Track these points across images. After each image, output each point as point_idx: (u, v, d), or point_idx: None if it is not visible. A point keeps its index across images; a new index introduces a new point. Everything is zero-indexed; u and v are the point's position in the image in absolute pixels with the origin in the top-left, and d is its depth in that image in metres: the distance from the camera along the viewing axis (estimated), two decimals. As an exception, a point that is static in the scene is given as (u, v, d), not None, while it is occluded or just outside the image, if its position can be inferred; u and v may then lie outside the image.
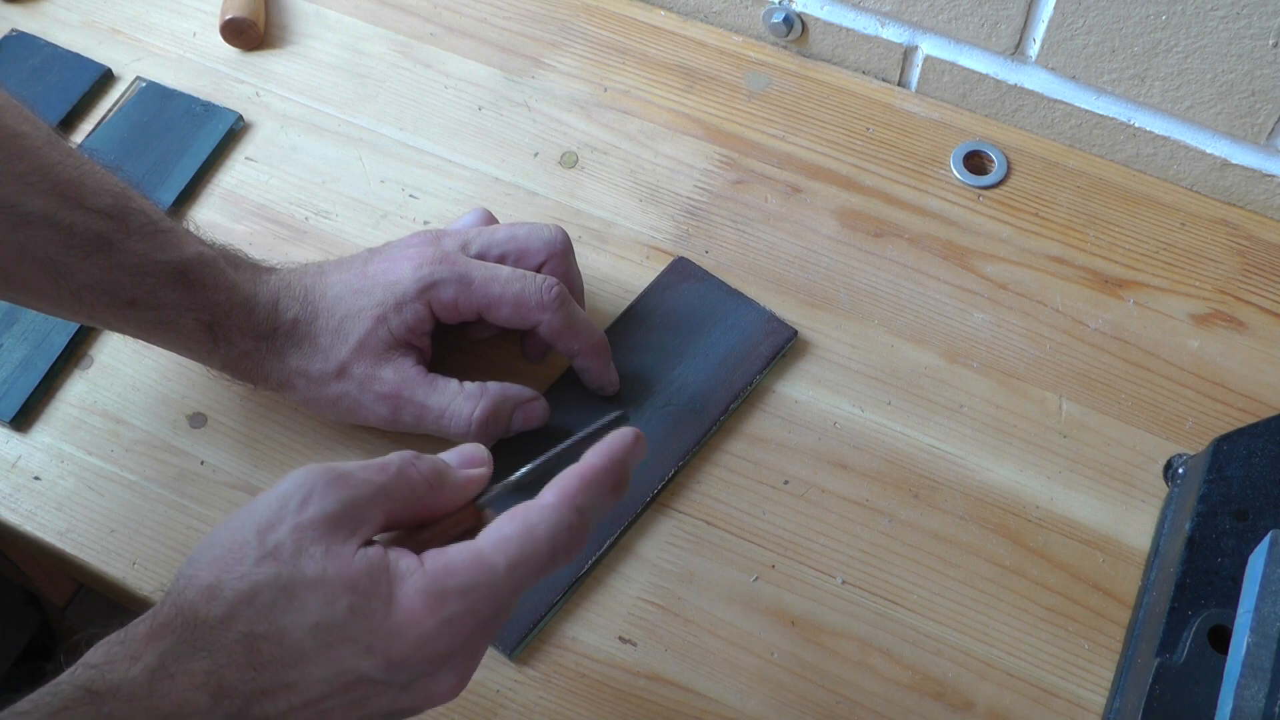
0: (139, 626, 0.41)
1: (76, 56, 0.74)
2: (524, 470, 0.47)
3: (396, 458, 0.45)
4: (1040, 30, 0.66)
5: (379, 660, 0.41)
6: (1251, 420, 0.60)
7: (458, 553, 0.42)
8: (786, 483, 0.60)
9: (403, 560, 0.42)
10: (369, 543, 0.43)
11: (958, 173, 0.70)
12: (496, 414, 0.58)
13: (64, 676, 0.40)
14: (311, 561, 0.41)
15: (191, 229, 0.58)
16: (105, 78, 0.74)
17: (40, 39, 0.75)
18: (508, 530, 0.43)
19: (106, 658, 0.40)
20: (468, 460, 0.47)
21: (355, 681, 0.41)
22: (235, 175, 0.71)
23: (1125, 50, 0.65)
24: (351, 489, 0.43)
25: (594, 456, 0.45)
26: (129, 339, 0.63)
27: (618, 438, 0.46)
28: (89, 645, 0.41)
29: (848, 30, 0.72)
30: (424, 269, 0.57)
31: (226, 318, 0.56)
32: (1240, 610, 0.47)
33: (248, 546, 0.42)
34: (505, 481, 0.47)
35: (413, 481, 0.44)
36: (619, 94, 0.73)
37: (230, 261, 0.58)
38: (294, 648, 0.41)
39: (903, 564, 0.58)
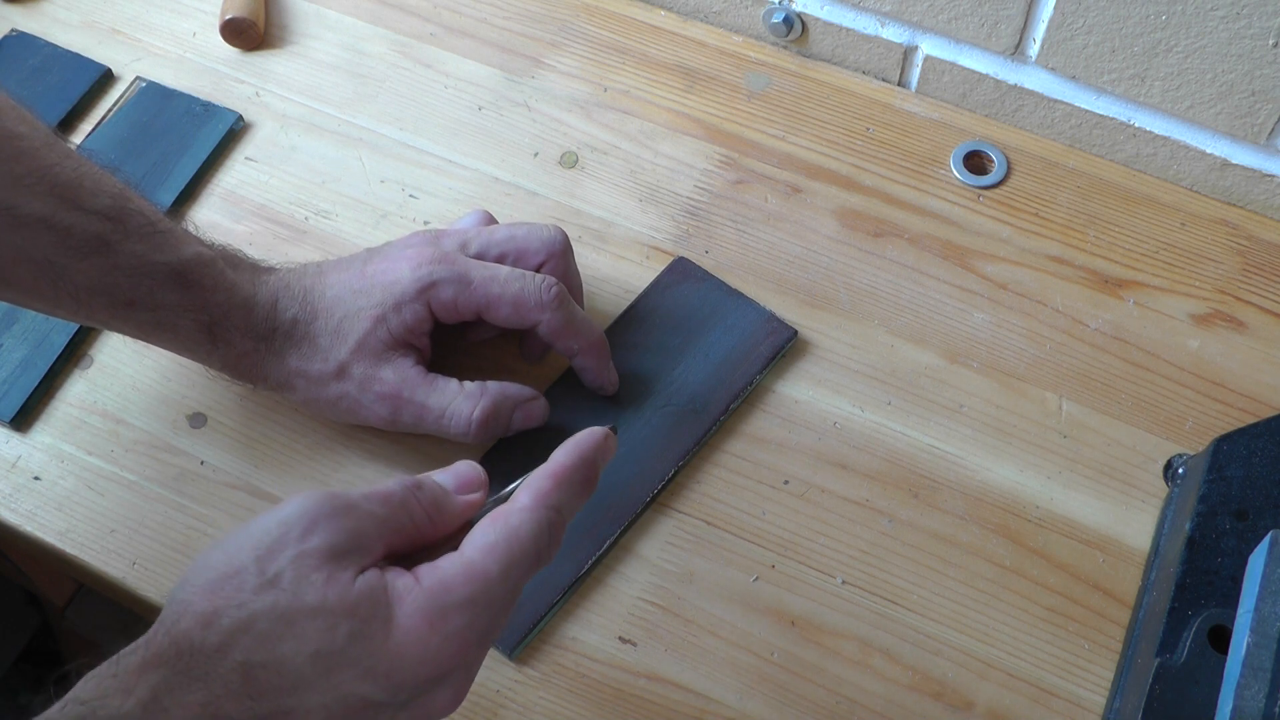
0: (131, 657, 0.40)
1: (76, 56, 0.74)
2: (515, 485, 0.47)
3: (399, 489, 0.44)
4: (1040, 30, 0.66)
5: (380, 683, 0.41)
6: (1251, 420, 0.60)
7: (450, 566, 0.42)
8: (786, 483, 0.60)
9: (399, 580, 0.42)
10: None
11: (958, 173, 0.70)
12: (496, 414, 0.58)
13: (53, 712, 0.39)
14: (312, 589, 0.41)
15: (191, 229, 0.58)
16: (105, 78, 0.74)
17: (40, 39, 0.75)
18: (492, 536, 0.43)
19: (98, 692, 0.39)
20: (464, 484, 0.47)
21: (356, 706, 0.41)
22: (235, 175, 0.71)
23: (1125, 50, 0.65)
24: (356, 520, 0.42)
25: (563, 455, 0.46)
26: (129, 339, 0.63)
27: (586, 436, 0.46)
28: (79, 676, 0.40)
29: (848, 30, 0.72)
30: (423, 269, 0.57)
31: (225, 318, 0.56)
32: (1240, 610, 0.47)
33: (246, 573, 0.41)
34: (498, 496, 0.47)
35: (414, 514, 0.44)
36: (619, 94, 0.73)
37: (229, 262, 0.58)
38: (293, 675, 0.40)
39: (903, 564, 0.58)
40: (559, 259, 0.60)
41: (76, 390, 0.63)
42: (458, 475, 0.47)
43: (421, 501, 0.44)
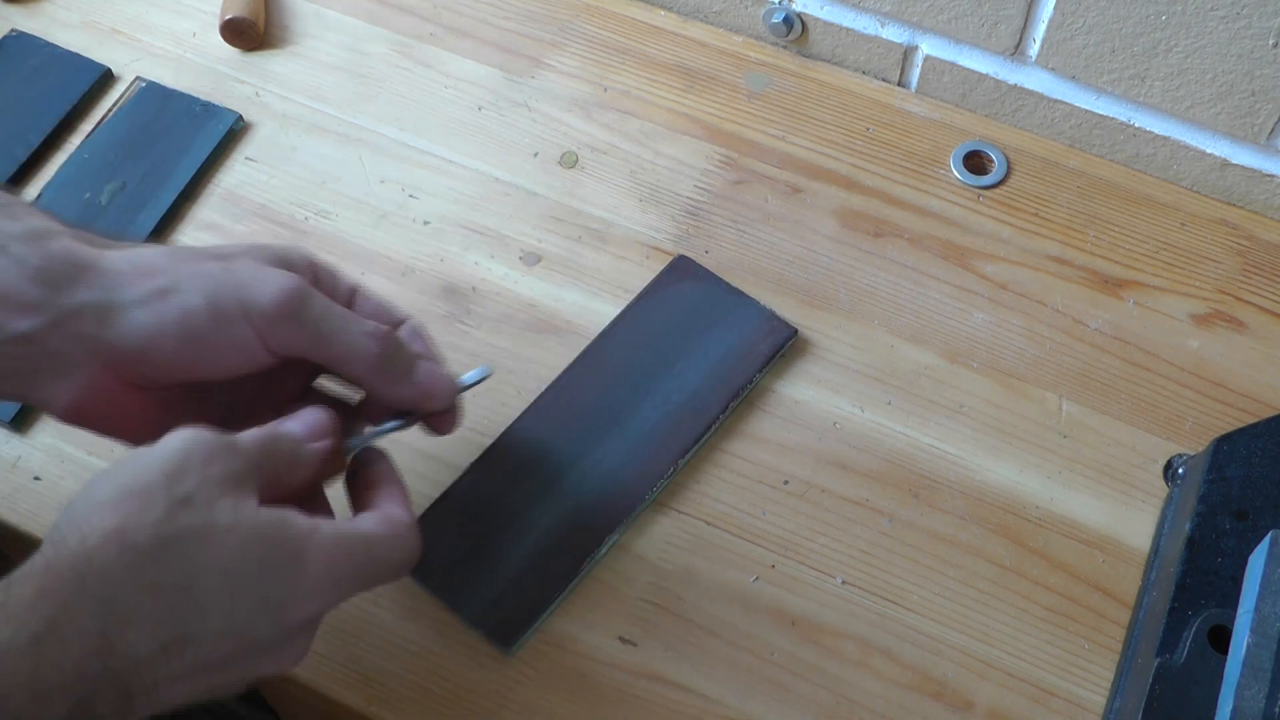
0: (23, 586, 0.38)
1: (76, 56, 0.74)
2: (393, 424, 0.52)
3: (264, 437, 0.45)
4: (1040, 30, 0.66)
5: (273, 617, 0.42)
6: (1251, 420, 0.60)
7: (352, 527, 0.45)
8: (786, 483, 0.60)
9: (300, 519, 0.43)
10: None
11: (958, 173, 0.70)
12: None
13: None
14: (223, 512, 0.41)
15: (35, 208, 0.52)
16: (105, 78, 0.74)
17: (40, 39, 0.75)
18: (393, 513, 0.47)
19: None
20: (314, 431, 0.47)
21: (249, 644, 0.42)
22: (235, 175, 0.71)
23: (1125, 50, 0.65)
24: (243, 458, 0.43)
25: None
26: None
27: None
28: None
29: (848, 30, 0.72)
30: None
31: None
32: (1240, 610, 0.47)
33: (155, 489, 0.40)
34: (368, 433, 0.51)
35: (276, 462, 0.45)
36: (619, 94, 0.73)
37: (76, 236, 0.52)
38: (200, 597, 0.40)
39: (903, 564, 0.58)
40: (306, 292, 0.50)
41: (76, 390, 0.63)
42: (307, 424, 0.47)
43: (280, 451, 0.45)
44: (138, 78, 0.74)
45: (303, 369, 0.52)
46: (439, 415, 0.53)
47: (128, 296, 0.46)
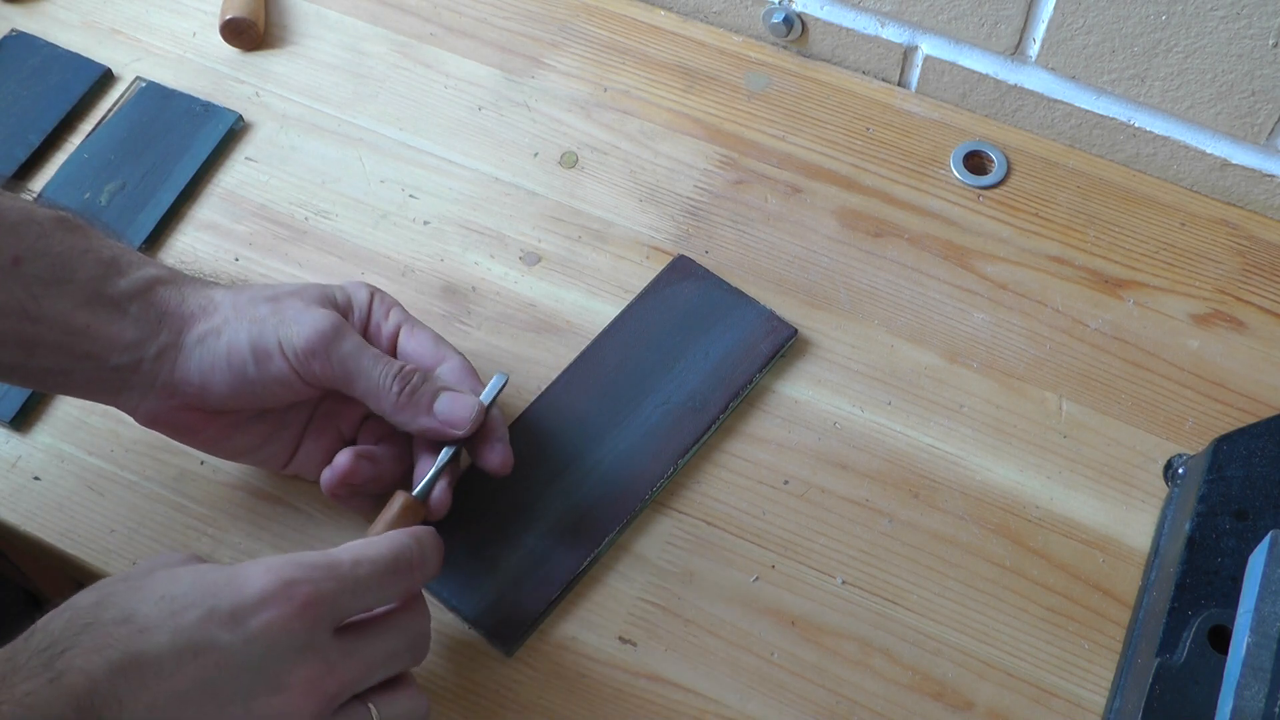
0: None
1: (76, 56, 0.74)
2: (430, 475, 0.54)
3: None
4: (1040, 30, 0.66)
5: (232, 627, 0.43)
6: (1251, 420, 0.60)
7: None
8: (786, 483, 0.60)
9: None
10: None
11: (958, 173, 0.70)
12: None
13: None
14: (155, 572, 0.46)
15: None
16: (105, 78, 0.74)
17: (40, 39, 0.75)
18: (356, 543, 0.48)
19: None
20: None
21: (220, 666, 0.42)
22: (235, 175, 0.71)
23: (1125, 50, 0.65)
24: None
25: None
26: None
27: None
28: None
29: (848, 30, 0.72)
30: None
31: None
32: (1240, 610, 0.47)
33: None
34: (426, 480, 0.54)
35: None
36: (619, 94, 0.73)
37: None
38: (140, 620, 0.42)
39: (903, 564, 0.58)
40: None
41: (76, 390, 0.63)
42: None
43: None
44: (138, 78, 0.74)
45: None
46: (487, 453, 0.55)
47: (189, 338, 0.52)
